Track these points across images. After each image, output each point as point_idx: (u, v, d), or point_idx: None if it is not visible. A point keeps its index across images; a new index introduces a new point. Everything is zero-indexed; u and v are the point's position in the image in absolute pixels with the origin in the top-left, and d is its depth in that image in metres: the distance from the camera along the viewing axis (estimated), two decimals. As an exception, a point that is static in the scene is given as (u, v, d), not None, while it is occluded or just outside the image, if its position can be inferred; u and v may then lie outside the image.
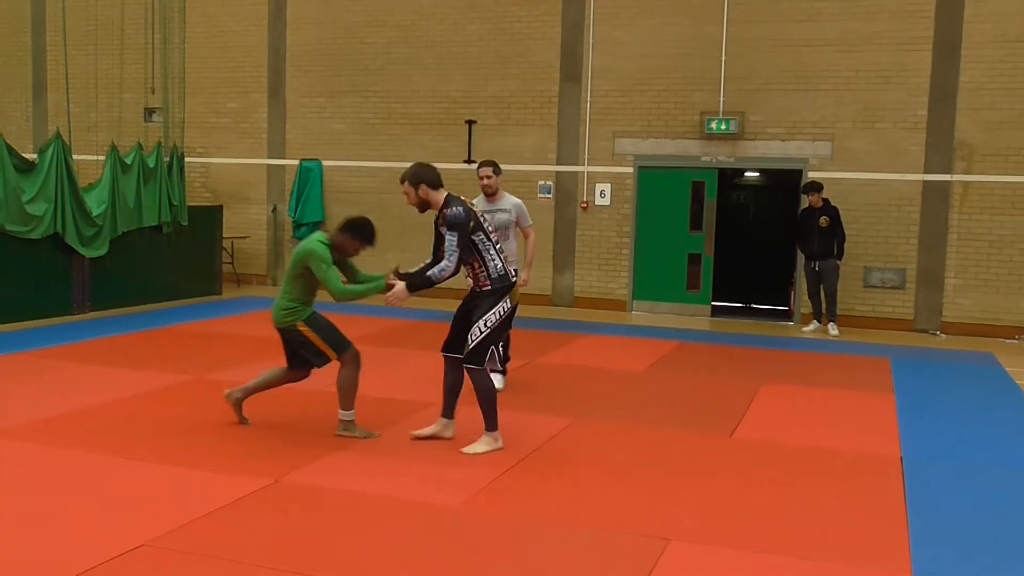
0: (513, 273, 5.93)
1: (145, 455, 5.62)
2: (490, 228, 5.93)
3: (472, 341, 5.77)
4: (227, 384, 7.54)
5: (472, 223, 5.76)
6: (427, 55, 14.04)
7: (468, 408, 6.37)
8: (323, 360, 6.28)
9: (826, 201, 11.62)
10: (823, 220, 11.52)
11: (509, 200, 7.96)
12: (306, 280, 6.10)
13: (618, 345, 10.46)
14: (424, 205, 5.97)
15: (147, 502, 4.82)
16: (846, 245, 11.67)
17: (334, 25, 14.57)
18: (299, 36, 14.79)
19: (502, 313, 5.81)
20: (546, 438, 6.29)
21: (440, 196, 5.93)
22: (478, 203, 8.04)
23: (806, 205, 11.81)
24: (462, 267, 5.84)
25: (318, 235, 6.18)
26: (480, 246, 5.82)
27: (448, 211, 5.75)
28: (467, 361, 5.82)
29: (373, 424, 6.43)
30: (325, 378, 7.73)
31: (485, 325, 5.77)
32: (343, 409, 6.19)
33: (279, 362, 6.51)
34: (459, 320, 6.03)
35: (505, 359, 8.02)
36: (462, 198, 5.92)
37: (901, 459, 6.08)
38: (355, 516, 4.72)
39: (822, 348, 10.66)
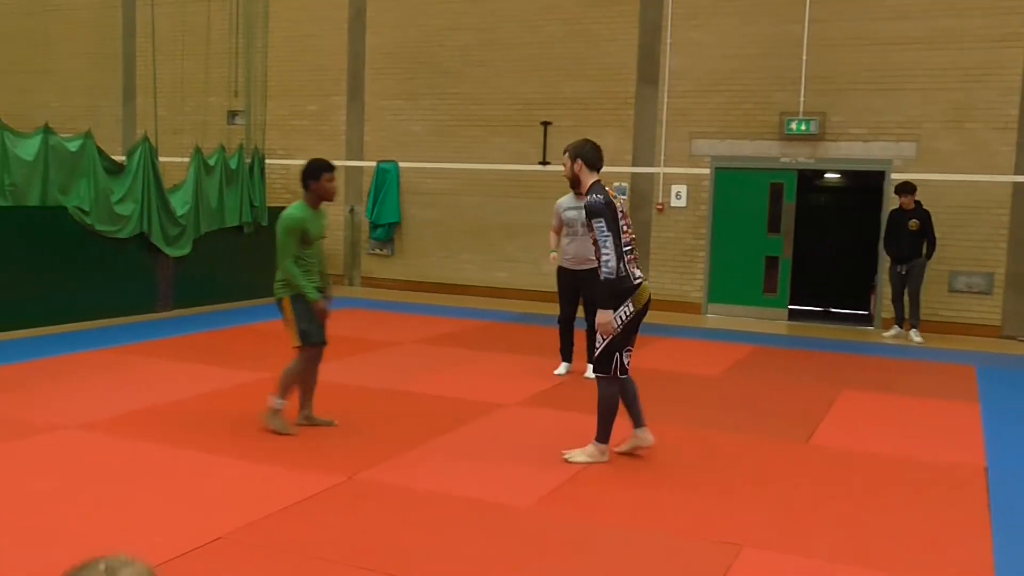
0: (636, 276, 5.58)
1: (223, 450, 5.75)
2: (624, 227, 5.58)
3: (597, 349, 5.64)
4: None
5: (613, 213, 5.48)
6: (504, 57, 14.09)
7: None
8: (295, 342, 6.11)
9: (918, 203, 11.26)
10: (913, 223, 11.17)
11: None
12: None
13: (693, 348, 10.34)
14: (576, 181, 5.90)
15: (224, 496, 4.93)
16: (936, 250, 11.28)
17: (412, 28, 14.72)
18: (378, 39, 14.99)
19: (624, 318, 5.51)
20: (618, 441, 6.25)
21: (589, 179, 5.73)
22: (566, 201, 8.16)
23: (897, 206, 11.44)
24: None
25: (296, 203, 6.09)
26: None
27: (588, 198, 5.55)
28: (595, 370, 5.69)
29: (445, 424, 6.47)
30: (398, 376, 7.82)
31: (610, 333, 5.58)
32: (273, 395, 6.11)
33: (352, 360, 6.59)
34: (589, 328, 5.91)
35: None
36: (606, 188, 5.63)
37: (986, 470, 5.88)
38: (425, 515, 4.75)
39: (904, 354, 10.38)
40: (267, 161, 13.51)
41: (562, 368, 8.40)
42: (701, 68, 12.94)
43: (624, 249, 5.52)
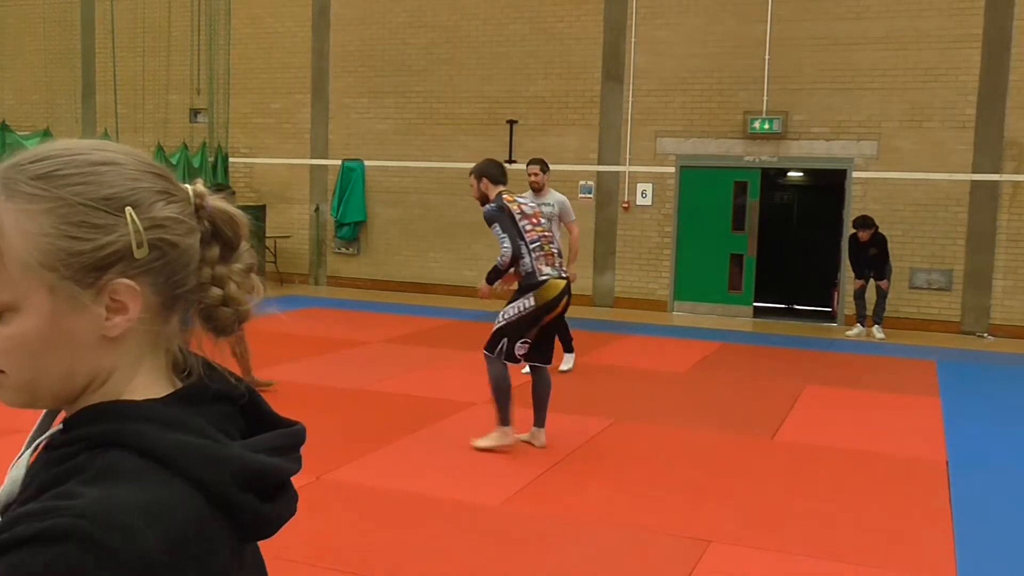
0: (542, 273, 5.84)
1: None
2: (527, 226, 5.90)
3: (492, 330, 5.90)
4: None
5: (508, 216, 5.84)
6: (469, 55, 14.08)
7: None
8: None
9: (875, 231, 11.33)
10: (872, 251, 11.33)
11: (554, 196, 8.40)
12: None
13: (659, 346, 10.41)
14: (484, 199, 6.12)
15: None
16: (888, 268, 11.44)
17: (377, 26, 14.66)
18: (342, 37, 14.91)
19: (521, 309, 5.80)
20: (586, 438, 6.28)
21: (493, 193, 6.05)
22: (524, 198, 8.26)
23: (853, 232, 11.52)
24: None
25: None
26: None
27: (485, 208, 5.98)
28: (485, 348, 5.90)
29: (413, 424, 6.47)
30: (365, 375, 7.81)
31: (503, 317, 5.86)
32: None
33: (319, 359, 6.57)
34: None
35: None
36: (506, 196, 5.96)
37: (947, 463, 5.98)
38: (395, 514, 4.74)
39: (866, 350, 10.52)
40: (230, 159, 13.40)
41: (528, 368, 8.42)
42: (666, 67, 13.02)
43: (532, 246, 5.84)
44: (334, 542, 4.32)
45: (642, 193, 13.25)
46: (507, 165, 13.67)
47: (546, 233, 5.95)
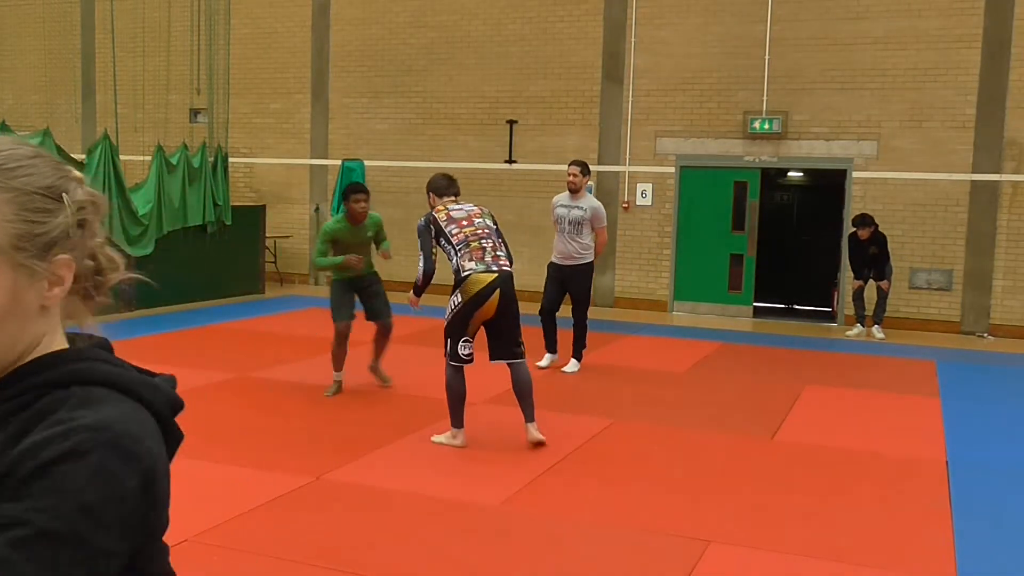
0: (465, 269, 5.87)
1: (189, 452, 5.64)
2: (454, 229, 6.02)
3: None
4: (268, 381, 7.62)
5: (434, 230, 6.11)
6: (469, 55, 14.07)
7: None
8: None
9: (875, 229, 11.33)
10: (872, 250, 11.33)
11: (588, 201, 8.62)
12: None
13: (659, 346, 10.41)
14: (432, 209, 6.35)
15: (189, 498, 4.87)
16: (888, 268, 11.44)
17: (377, 26, 14.65)
18: (342, 37, 14.90)
19: (453, 307, 5.92)
20: (586, 438, 6.28)
21: (435, 205, 6.30)
22: (561, 198, 8.59)
23: (852, 231, 11.52)
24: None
25: (339, 214, 7.33)
26: (444, 251, 6.10)
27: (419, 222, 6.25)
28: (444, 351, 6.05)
29: (413, 423, 6.47)
30: (365, 375, 7.81)
31: (445, 319, 5.99)
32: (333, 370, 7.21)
33: (319, 360, 6.58)
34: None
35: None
36: (437, 207, 6.22)
37: (947, 463, 5.98)
38: (395, 514, 4.74)
39: (866, 350, 10.52)
40: (230, 159, 13.38)
41: (545, 360, 8.46)
42: (665, 67, 13.01)
43: (458, 247, 5.99)
44: (334, 542, 4.31)
45: (642, 193, 13.24)
46: (507, 165, 13.77)
47: (477, 231, 6.02)
